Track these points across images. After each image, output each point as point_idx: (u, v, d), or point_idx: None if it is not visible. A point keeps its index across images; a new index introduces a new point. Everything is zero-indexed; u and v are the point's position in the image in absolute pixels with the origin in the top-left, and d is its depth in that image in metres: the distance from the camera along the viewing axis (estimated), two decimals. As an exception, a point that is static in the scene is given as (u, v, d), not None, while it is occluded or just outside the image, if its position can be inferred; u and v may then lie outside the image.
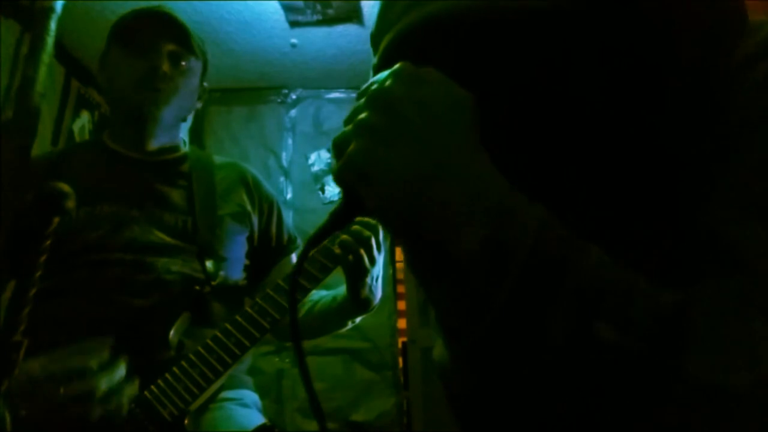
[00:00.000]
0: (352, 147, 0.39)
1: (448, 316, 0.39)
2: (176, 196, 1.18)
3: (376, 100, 0.40)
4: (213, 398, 1.07)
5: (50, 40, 0.73)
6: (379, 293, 1.15)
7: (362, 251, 1.05)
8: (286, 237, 1.33)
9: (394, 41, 0.45)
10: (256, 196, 1.30)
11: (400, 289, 2.45)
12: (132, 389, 0.90)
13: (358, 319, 1.21)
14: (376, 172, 0.38)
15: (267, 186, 1.36)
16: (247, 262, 1.25)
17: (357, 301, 1.12)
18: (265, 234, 1.30)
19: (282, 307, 1.04)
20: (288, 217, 2.58)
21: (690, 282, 0.33)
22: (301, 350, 0.43)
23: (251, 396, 1.21)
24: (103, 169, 1.18)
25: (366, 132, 0.39)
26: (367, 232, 1.06)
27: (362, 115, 0.40)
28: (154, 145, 1.23)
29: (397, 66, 0.41)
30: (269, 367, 2.28)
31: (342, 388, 2.28)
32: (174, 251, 1.11)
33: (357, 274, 1.08)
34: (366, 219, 1.08)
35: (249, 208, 1.27)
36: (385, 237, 1.13)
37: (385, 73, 0.41)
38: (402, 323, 2.41)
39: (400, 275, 2.45)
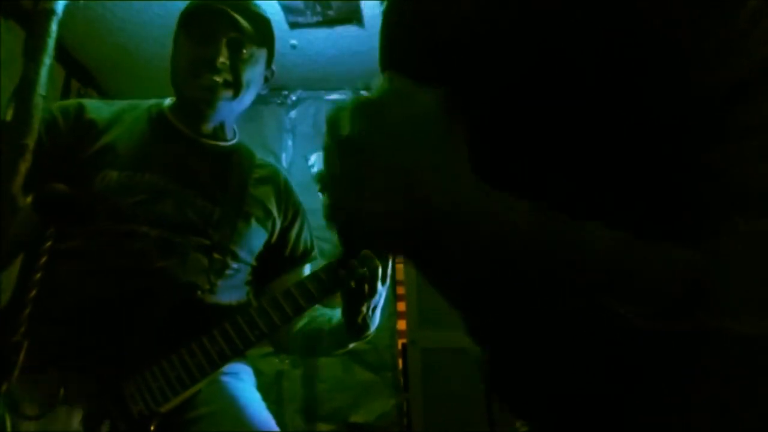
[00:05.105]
0: (325, 199, 0.40)
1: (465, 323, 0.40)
2: (213, 184, 1.20)
3: (343, 148, 0.40)
4: None
5: (51, 42, 0.73)
6: (375, 324, 1.12)
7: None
8: (302, 248, 1.33)
9: (384, 40, 0.46)
10: (284, 201, 1.31)
11: (400, 290, 2.45)
12: None
13: (351, 345, 1.17)
14: (356, 220, 0.38)
15: (296, 193, 1.36)
16: (254, 263, 1.25)
17: (349, 327, 1.09)
18: (282, 239, 1.30)
19: (272, 322, 1.03)
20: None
21: (707, 231, 0.32)
22: None
23: (246, 370, 1.22)
24: (154, 139, 1.20)
25: (338, 184, 0.40)
26: (376, 261, 1.03)
27: (331, 164, 0.40)
28: (209, 127, 1.26)
29: (353, 100, 0.41)
30: (269, 368, 2.27)
31: (341, 390, 2.27)
32: (197, 233, 1.12)
33: (354, 300, 1.05)
34: None
35: (275, 212, 1.28)
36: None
37: (344, 108, 0.41)
38: (402, 324, 2.40)
39: (400, 276, 2.44)
